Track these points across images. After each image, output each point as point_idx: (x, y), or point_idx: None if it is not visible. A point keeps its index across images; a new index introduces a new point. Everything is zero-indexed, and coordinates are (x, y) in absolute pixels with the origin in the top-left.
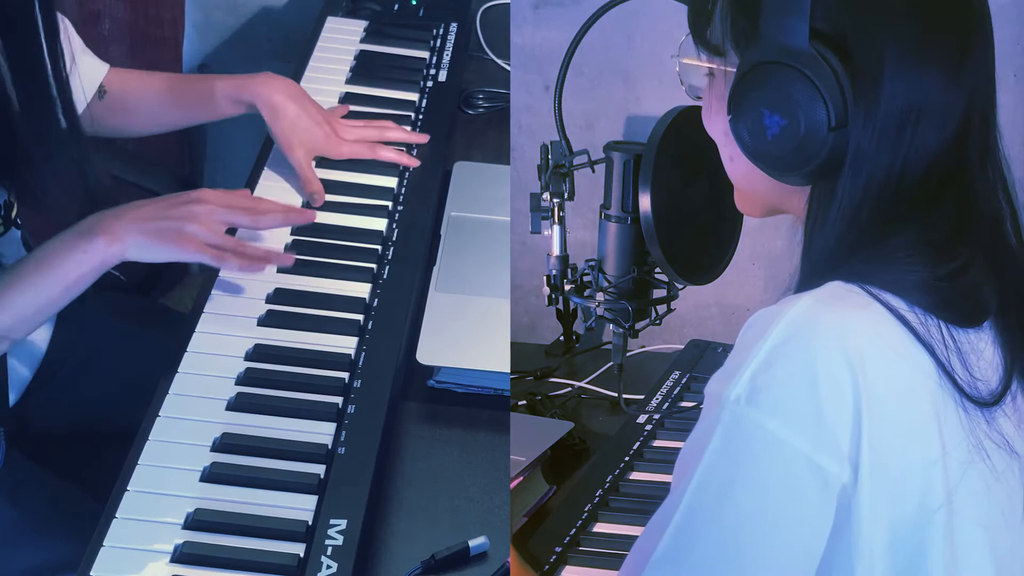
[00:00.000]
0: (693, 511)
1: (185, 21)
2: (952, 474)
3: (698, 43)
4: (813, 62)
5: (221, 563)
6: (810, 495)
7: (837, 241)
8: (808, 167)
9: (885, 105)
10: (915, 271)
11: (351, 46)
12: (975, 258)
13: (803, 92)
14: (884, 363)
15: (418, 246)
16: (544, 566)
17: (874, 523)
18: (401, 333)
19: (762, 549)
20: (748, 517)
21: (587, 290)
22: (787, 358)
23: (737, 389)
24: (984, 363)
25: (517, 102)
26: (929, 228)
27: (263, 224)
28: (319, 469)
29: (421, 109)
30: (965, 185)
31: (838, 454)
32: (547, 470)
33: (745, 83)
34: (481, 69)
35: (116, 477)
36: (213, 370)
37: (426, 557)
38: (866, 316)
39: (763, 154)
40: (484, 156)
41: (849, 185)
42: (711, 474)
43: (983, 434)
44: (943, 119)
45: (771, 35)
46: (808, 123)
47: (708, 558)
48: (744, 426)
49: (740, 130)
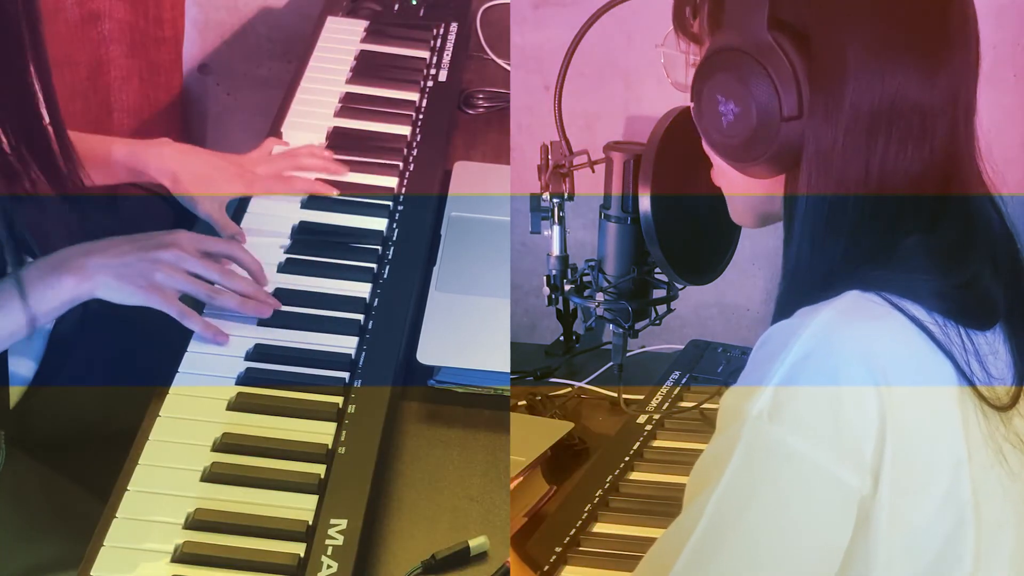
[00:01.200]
0: (714, 525)
1: (185, 21)
2: (976, 477)
3: (679, 30)
4: (768, 50)
5: (221, 563)
6: (831, 508)
7: (817, 249)
8: (762, 156)
9: (850, 102)
10: (931, 279)
11: (351, 46)
12: (984, 264)
13: (756, 80)
14: (907, 373)
15: (418, 246)
16: (544, 566)
17: (892, 528)
18: (401, 333)
19: (782, 562)
20: (769, 531)
21: (587, 290)
22: (809, 373)
23: (759, 405)
24: (1001, 363)
25: (517, 102)
26: (936, 236)
27: (216, 302)
28: (319, 469)
29: (421, 109)
30: (964, 190)
31: (860, 465)
32: (547, 470)
33: (704, 70)
34: (481, 69)
35: (116, 477)
36: (213, 370)
37: (426, 557)
38: (886, 326)
39: (720, 143)
40: (484, 156)
41: (814, 180)
42: (733, 489)
43: (1001, 437)
44: (923, 123)
45: (733, 23)
46: (760, 111)
47: (728, 571)
48: (767, 442)
49: (701, 120)
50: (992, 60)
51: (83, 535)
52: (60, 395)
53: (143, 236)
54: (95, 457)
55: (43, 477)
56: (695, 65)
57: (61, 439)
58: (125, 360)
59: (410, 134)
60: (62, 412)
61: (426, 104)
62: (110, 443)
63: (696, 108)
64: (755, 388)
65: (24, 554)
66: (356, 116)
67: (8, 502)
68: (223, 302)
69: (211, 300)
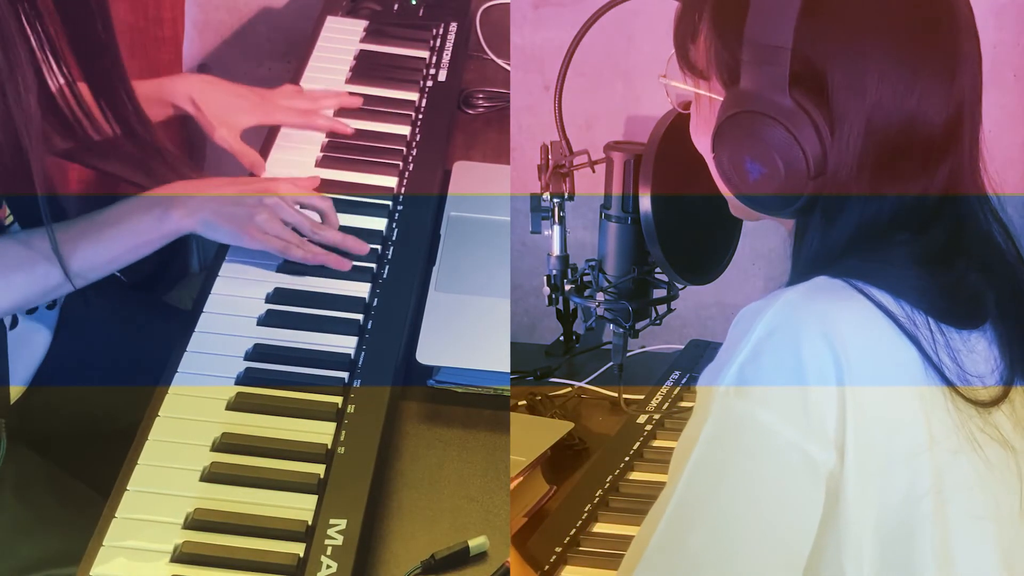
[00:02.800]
0: (686, 501)
1: (185, 21)
2: (941, 463)
3: (682, 63)
4: (792, 115)
5: (221, 563)
6: (800, 482)
7: (816, 261)
8: (788, 209)
9: (864, 145)
10: (912, 275)
11: (351, 46)
12: (972, 267)
13: (782, 143)
14: (867, 352)
15: (418, 246)
16: (544, 566)
17: (861, 508)
18: (401, 333)
19: (754, 537)
20: (740, 505)
21: (587, 290)
22: (773, 348)
23: (726, 381)
24: (980, 361)
25: (517, 102)
26: (926, 237)
27: (301, 256)
28: (319, 469)
29: (421, 109)
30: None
31: (824, 439)
32: (547, 470)
33: (727, 128)
34: (481, 69)
35: (116, 475)
36: (213, 369)
37: (426, 557)
38: (848, 306)
39: (744, 193)
40: (484, 156)
41: (822, 223)
42: (703, 464)
43: (976, 428)
44: (928, 152)
45: (750, 81)
46: (788, 171)
47: (702, 546)
48: (734, 417)
49: (724, 170)
50: (992, 60)
51: (85, 529)
52: (62, 393)
53: (243, 179)
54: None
55: (45, 470)
56: (698, 96)
57: (63, 436)
58: (125, 360)
59: (410, 134)
60: (64, 410)
61: (426, 104)
62: (110, 442)
63: (718, 161)
64: (724, 365)
65: (27, 547)
66: (356, 116)
67: (11, 494)
68: (310, 256)
69: (295, 254)
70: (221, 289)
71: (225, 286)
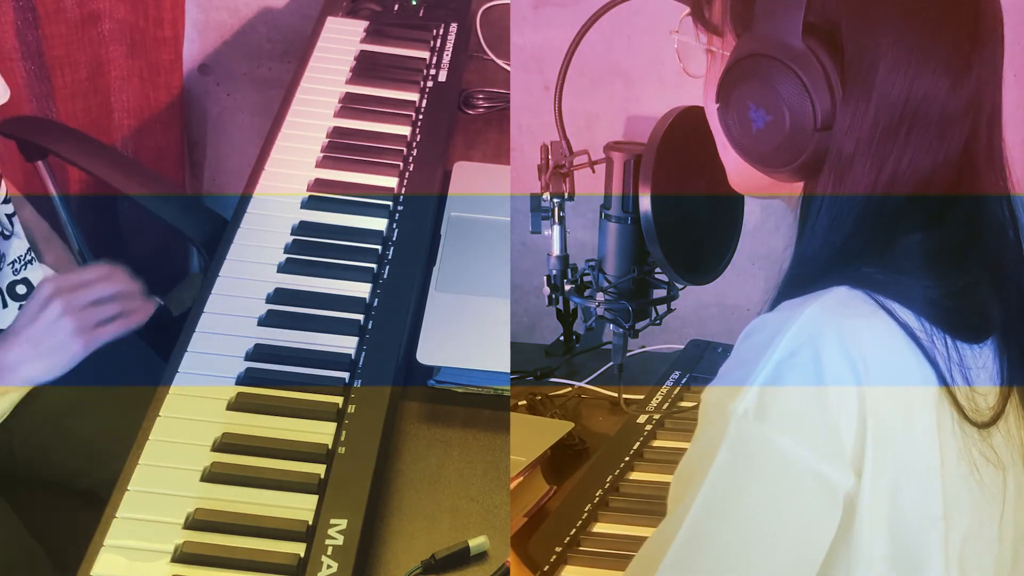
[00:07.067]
0: (700, 522)
1: (185, 21)
2: (949, 487)
3: (697, 20)
4: (804, 59)
5: (221, 563)
6: (817, 506)
7: (824, 244)
8: (791, 165)
9: (877, 106)
10: (924, 284)
11: (351, 46)
12: (983, 274)
13: (791, 90)
14: (887, 372)
15: (418, 246)
16: (544, 566)
17: (874, 529)
18: (401, 333)
19: (767, 559)
20: (755, 528)
21: (587, 290)
22: (795, 371)
23: (745, 403)
24: (986, 377)
25: (517, 102)
26: (937, 238)
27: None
28: (320, 469)
29: (421, 109)
30: (976, 191)
31: (843, 461)
32: (547, 470)
33: (734, 73)
34: (481, 69)
35: (115, 481)
36: (214, 369)
37: (426, 557)
38: (871, 325)
39: (747, 147)
40: (484, 156)
41: (831, 188)
42: (719, 486)
43: (977, 451)
44: (944, 125)
45: (764, 25)
46: (794, 121)
47: (714, 568)
48: (753, 441)
49: (727, 120)
50: None
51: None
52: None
53: (18, 316)
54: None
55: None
56: (711, 53)
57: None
58: (125, 359)
59: (410, 134)
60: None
61: (426, 104)
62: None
63: (722, 110)
64: (739, 385)
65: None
66: (356, 116)
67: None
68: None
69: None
70: (221, 289)
71: (225, 286)
